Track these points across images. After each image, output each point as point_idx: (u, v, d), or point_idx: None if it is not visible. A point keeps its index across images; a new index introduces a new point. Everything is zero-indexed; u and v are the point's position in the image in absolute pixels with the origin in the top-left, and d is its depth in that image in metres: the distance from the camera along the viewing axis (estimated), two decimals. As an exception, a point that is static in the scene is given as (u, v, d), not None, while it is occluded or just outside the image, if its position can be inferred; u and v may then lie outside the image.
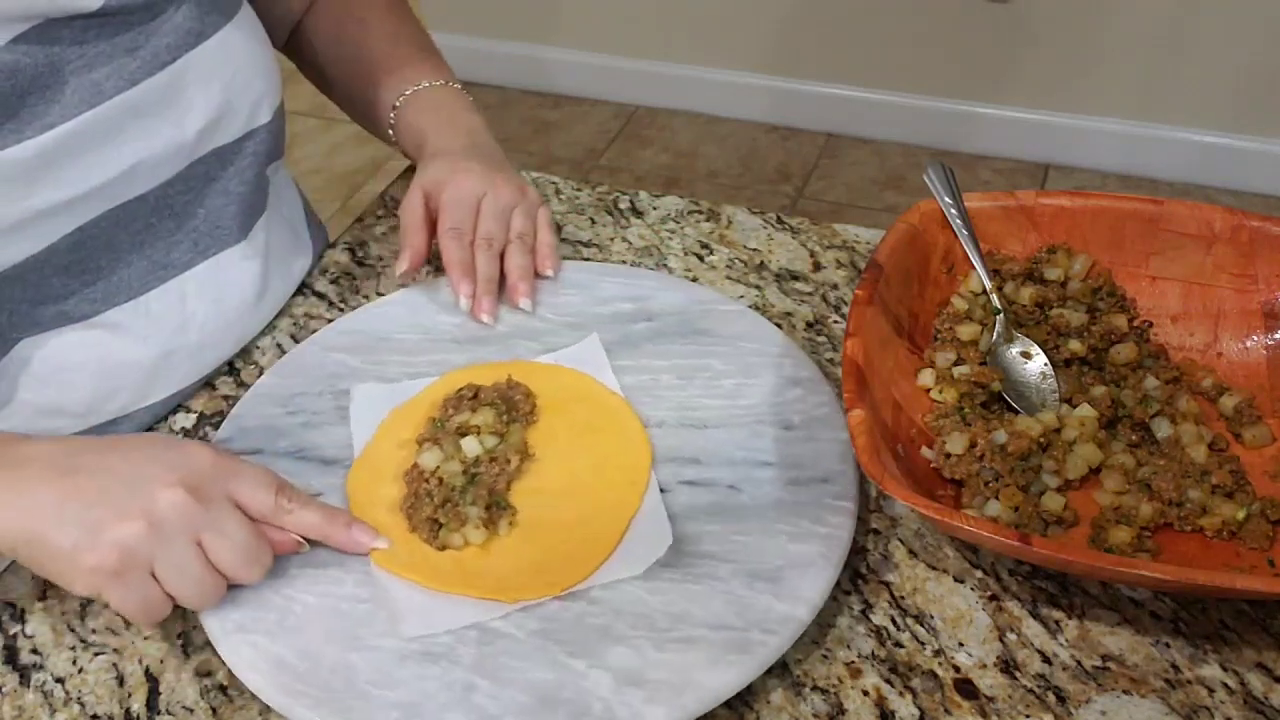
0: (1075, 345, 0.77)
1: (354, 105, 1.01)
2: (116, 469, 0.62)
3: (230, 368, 0.84)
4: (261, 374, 0.80)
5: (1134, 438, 0.73)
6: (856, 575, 0.67)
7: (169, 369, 0.80)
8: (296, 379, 0.79)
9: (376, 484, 0.71)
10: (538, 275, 0.85)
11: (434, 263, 0.88)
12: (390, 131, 0.95)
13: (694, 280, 0.89)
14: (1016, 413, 0.74)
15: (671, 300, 0.84)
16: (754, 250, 0.93)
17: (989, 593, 0.67)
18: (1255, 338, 0.77)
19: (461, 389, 0.75)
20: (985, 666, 0.63)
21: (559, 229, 0.96)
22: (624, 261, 0.92)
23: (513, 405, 0.74)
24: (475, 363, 0.80)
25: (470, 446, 0.71)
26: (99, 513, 0.60)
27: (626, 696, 0.58)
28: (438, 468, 0.70)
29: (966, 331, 0.78)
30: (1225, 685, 0.61)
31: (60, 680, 0.64)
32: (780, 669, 0.63)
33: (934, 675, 0.62)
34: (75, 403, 0.77)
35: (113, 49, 0.73)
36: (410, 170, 0.99)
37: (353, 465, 0.73)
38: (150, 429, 0.81)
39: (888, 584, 0.67)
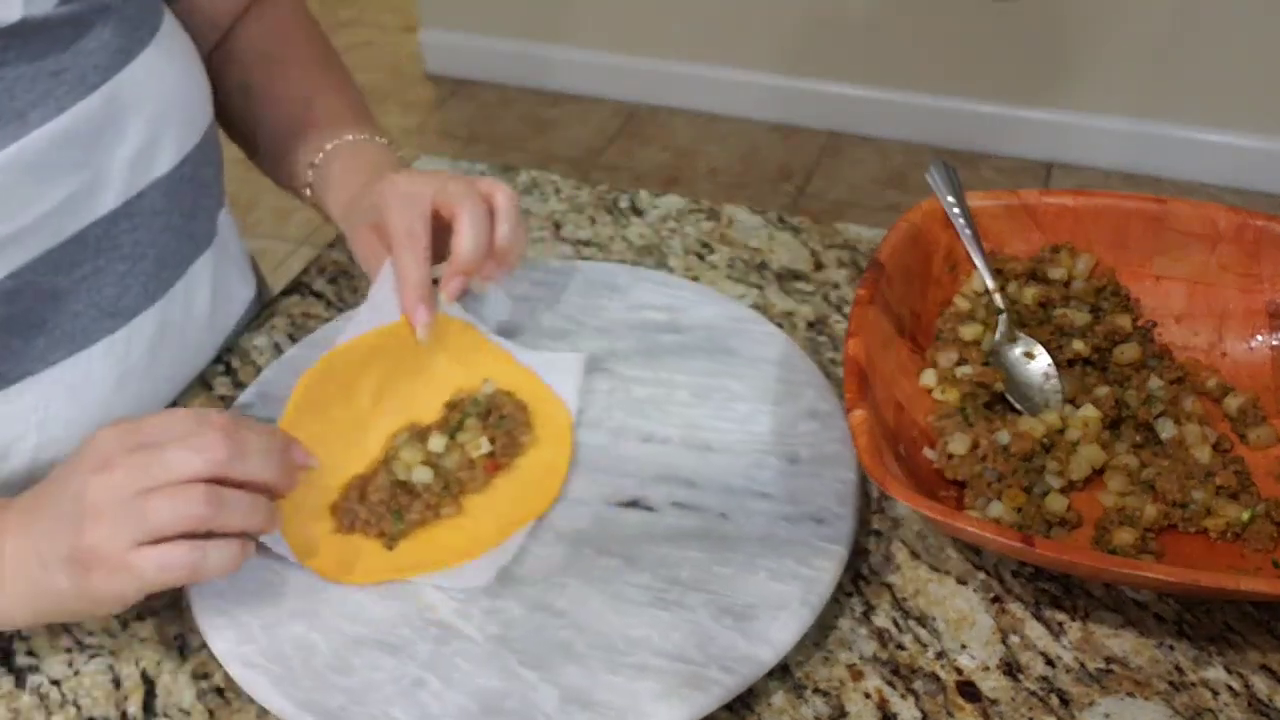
0: (1079, 345, 0.77)
1: (266, 155, 0.91)
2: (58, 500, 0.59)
3: (227, 368, 0.84)
4: (260, 373, 0.80)
5: (1138, 438, 0.73)
6: (858, 577, 0.67)
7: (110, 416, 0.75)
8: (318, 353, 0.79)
9: (321, 404, 0.71)
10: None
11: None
12: (307, 190, 0.86)
13: (694, 278, 0.88)
14: (1019, 413, 0.74)
15: (705, 314, 0.81)
16: (755, 249, 0.93)
17: (992, 594, 0.66)
18: (1260, 338, 0.77)
19: (470, 404, 0.73)
20: (988, 669, 0.62)
21: (557, 227, 0.96)
22: (625, 261, 0.91)
23: (511, 433, 0.72)
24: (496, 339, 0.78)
25: (420, 475, 0.69)
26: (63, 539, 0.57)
27: (571, 715, 0.57)
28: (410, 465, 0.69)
29: (969, 331, 0.77)
30: (1230, 688, 0.61)
31: (56, 683, 0.64)
32: (782, 671, 0.62)
33: (936, 678, 0.62)
34: (14, 473, 0.72)
35: (35, 72, 0.66)
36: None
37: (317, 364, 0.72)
38: None
39: (890, 586, 0.67)
